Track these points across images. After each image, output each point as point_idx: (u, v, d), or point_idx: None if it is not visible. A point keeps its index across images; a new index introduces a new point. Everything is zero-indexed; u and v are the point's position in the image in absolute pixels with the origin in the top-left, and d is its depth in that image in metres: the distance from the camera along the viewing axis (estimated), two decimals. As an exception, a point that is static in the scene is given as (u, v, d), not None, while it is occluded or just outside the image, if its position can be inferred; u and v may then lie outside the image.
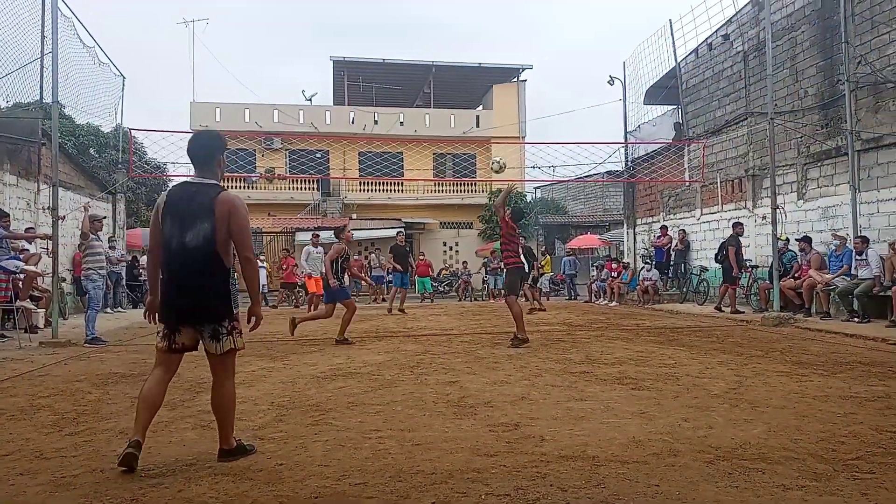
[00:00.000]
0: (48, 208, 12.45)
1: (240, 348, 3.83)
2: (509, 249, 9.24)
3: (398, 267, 16.36)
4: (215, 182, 3.82)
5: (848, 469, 3.43)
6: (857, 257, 11.08)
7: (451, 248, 31.16)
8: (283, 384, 6.20)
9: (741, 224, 14.17)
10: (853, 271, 11.21)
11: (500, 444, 3.99)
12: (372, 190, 33.02)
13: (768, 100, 12.40)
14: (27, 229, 12.61)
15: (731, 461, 3.58)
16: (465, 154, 33.49)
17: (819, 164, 13.26)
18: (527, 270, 12.06)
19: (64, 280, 14.44)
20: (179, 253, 3.68)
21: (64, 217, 11.87)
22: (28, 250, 11.70)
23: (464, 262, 26.96)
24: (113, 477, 3.46)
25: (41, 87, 13.15)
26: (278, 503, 3.08)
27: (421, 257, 24.33)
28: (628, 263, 19.95)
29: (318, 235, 16.00)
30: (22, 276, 10.53)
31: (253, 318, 3.94)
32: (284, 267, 20.27)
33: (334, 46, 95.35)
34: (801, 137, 13.68)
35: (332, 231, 11.13)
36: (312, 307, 13.37)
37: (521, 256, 9.35)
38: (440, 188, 33.52)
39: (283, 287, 20.88)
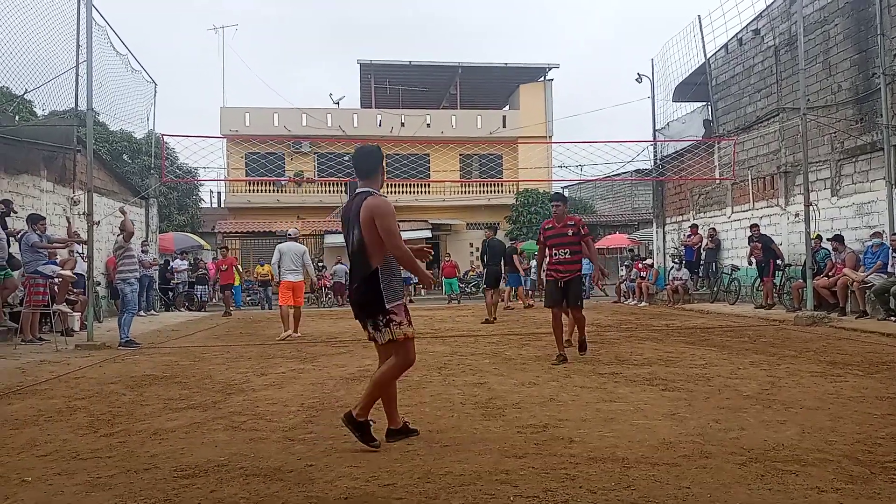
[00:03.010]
0: (83, 214, 12.71)
1: (398, 338, 4.06)
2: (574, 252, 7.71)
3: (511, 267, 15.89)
4: (369, 189, 4.19)
5: (885, 472, 3.35)
6: (894, 254, 10.83)
7: (478, 250, 31.09)
8: (312, 385, 6.26)
9: (756, 225, 14.96)
10: (890, 269, 10.95)
11: (528, 446, 3.98)
12: (399, 192, 33.14)
13: (801, 95, 12.17)
14: (73, 232, 12.76)
15: (763, 463, 3.52)
16: (491, 155, 33.43)
17: (853, 160, 12.98)
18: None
19: (99, 284, 14.73)
20: (350, 256, 4.27)
21: (99, 222, 12.13)
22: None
23: (491, 263, 26.89)
24: (147, 478, 3.53)
25: (76, 95, 13.48)
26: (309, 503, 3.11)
27: (447, 258, 24.32)
28: (652, 263, 19.69)
29: None
30: (58, 280, 10.78)
31: (422, 286, 4.43)
32: (224, 267, 18.39)
33: (356, 49, 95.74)
34: (834, 133, 13.41)
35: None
36: None
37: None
38: (467, 189, 33.51)
39: (221, 289, 18.84)
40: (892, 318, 10.42)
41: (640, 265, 19.49)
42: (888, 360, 7.00)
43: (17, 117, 14.58)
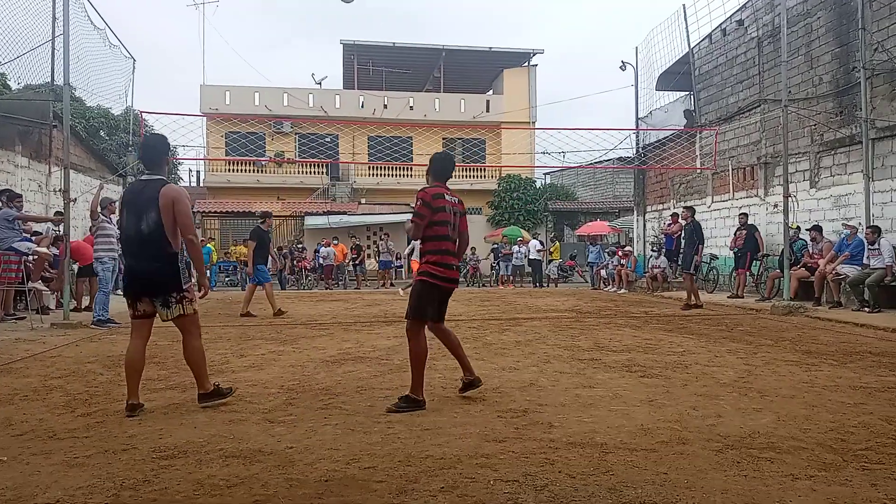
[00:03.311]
0: (59, 190, 12.50)
1: (189, 313, 4.56)
2: None
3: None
4: (162, 177, 4.56)
5: (857, 459, 3.42)
6: (870, 247, 11.00)
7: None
8: (292, 368, 6.24)
9: (745, 214, 14.75)
10: (865, 261, 11.13)
11: (508, 430, 4.00)
12: (381, 175, 32.98)
13: (782, 87, 12.26)
14: (56, 213, 12.46)
15: (739, 450, 3.58)
16: (474, 139, 33.37)
17: (832, 153, 13.14)
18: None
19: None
20: (133, 238, 4.52)
21: (75, 199, 11.92)
22: (41, 233, 11.78)
23: (472, 248, 26.93)
24: (125, 458, 3.50)
25: (52, 70, 13.21)
26: (288, 486, 3.10)
27: None
28: (630, 251, 19.79)
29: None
30: (34, 257, 10.60)
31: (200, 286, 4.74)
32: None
33: (341, 30, 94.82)
34: (814, 125, 13.55)
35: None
36: None
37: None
38: (449, 173, 33.36)
39: (79, 273, 12.26)
40: (866, 309, 10.60)
41: (620, 252, 19.64)
42: (861, 350, 7.12)
43: (-9, 90, 14.27)
